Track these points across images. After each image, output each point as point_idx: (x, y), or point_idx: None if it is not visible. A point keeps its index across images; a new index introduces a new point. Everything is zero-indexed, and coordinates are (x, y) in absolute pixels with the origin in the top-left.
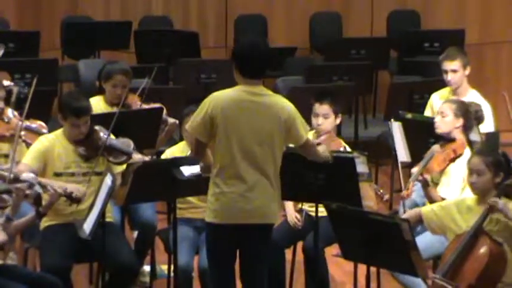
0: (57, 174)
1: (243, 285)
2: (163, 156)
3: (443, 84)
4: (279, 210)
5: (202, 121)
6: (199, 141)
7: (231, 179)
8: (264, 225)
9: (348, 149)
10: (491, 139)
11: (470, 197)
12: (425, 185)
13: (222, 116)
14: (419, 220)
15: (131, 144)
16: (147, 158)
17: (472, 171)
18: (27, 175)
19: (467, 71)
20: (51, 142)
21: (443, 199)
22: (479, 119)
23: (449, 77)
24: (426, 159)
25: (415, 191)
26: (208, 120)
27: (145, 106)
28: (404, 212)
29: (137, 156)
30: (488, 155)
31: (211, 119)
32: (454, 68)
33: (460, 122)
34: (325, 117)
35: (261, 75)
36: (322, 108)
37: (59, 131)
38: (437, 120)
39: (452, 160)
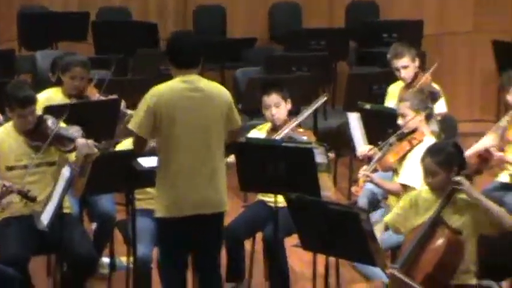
0: (9, 168)
1: (199, 275)
2: (119, 147)
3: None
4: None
5: (145, 117)
6: (141, 137)
7: (182, 171)
8: (218, 213)
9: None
10: (448, 122)
11: (425, 189)
12: (373, 183)
13: (166, 110)
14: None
15: (79, 130)
16: (90, 141)
17: (426, 171)
18: None
19: (417, 63)
20: (0, 136)
21: (403, 185)
22: (435, 98)
23: (403, 73)
24: (381, 154)
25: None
26: (152, 116)
27: (102, 98)
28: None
29: (81, 141)
30: (438, 154)
31: (155, 114)
32: (404, 65)
33: (422, 115)
34: (277, 106)
35: (196, 64)
36: (272, 98)
37: (9, 124)
38: (401, 122)
39: (409, 151)
